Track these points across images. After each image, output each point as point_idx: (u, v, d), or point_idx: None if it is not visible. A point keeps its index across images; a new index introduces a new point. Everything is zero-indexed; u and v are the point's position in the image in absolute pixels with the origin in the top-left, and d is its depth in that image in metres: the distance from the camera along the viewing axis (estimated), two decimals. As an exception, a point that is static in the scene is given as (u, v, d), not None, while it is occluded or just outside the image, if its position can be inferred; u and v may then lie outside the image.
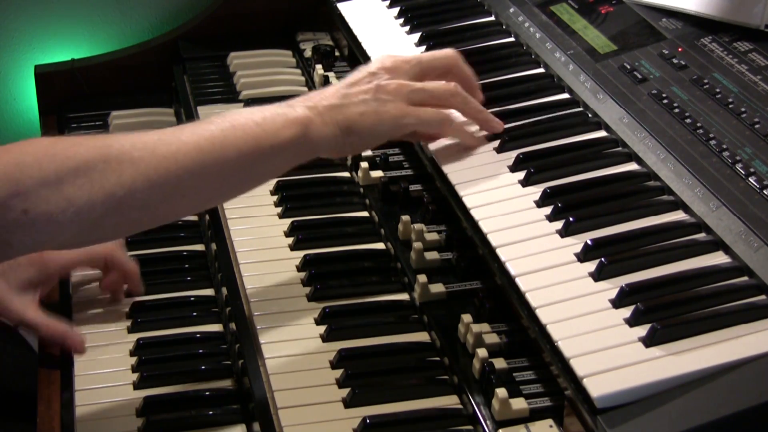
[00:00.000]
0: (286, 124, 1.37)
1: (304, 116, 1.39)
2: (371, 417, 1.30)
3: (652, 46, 1.60)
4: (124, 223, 1.29)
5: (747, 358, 1.13)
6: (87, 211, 1.22)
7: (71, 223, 1.21)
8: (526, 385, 1.32)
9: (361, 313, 1.49)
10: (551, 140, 1.52)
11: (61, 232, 1.22)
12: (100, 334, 1.56)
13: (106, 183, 1.23)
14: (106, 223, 1.25)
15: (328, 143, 1.42)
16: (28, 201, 1.18)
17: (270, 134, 1.35)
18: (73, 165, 1.21)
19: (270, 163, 1.38)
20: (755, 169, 1.32)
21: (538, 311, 1.23)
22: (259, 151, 1.35)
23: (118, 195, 1.24)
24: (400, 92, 1.45)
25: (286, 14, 2.29)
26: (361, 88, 1.45)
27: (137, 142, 1.27)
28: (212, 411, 1.41)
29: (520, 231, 1.35)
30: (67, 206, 1.20)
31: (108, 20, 2.35)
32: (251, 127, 1.34)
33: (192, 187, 1.31)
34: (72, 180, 1.21)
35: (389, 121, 1.44)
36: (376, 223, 1.68)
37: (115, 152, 1.25)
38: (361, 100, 1.43)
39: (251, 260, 1.61)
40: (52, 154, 1.21)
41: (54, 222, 1.20)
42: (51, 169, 1.20)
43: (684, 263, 1.27)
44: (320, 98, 1.43)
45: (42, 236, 1.21)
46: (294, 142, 1.37)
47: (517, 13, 1.81)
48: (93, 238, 1.30)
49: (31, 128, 2.39)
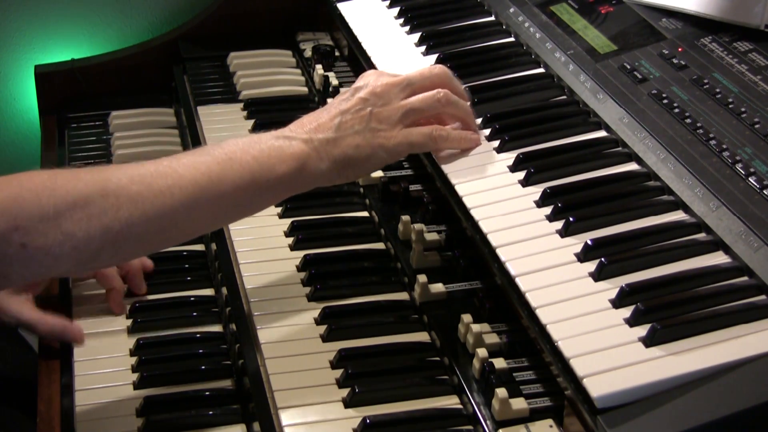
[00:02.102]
0: (282, 159, 1.38)
1: (301, 151, 1.39)
2: (371, 417, 1.30)
3: (652, 46, 1.60)
4: (119, 255, 1.31)
5: (747, 358, 1.13)
6: (84, 245, 1.24)
7: (68, 257, 1.23)
8: (526, 385, 1.32)
9: (361, 313, 1.49)
10: (551, 140, 1.52)
11: (59, 265, 1.24)
12: (100, 334, 1.56)
13: (104, 218, 1.25)
14: (103, 256, 1.27)
15: (324, 177, 1.43)
16: (26, 235, 1.19)
17: (266, 169, 1.36)
18: (72, 200, 1.23)
19: (265, 196, 1.40)
20: (755, 169, 1.32)
21: (538, 311, 1.23)
22: (255, 186, 1.36)
23: (115, 229, 1.25)
24: (392, 119, 1.45)
25: (286, 14, 2.29)
26: (354, 117, 1.44)
27: (135, 176, 1.29)
28: (212, 411, 1.41)
29: (520, 231, 1.35)
30: (64, 240, 1.22)
31: (108, 20, 2.35)
32: (248, 161, 1.35)
33: (187, 220, 1.33)
34: (70, 214, 1.22)
35: (383, 152, 1.45)
36: (376, 223, 1.68)
37: (113, 186, 1.26)
38: (355, 131, 1.43)
39: (251, 260, 1.61)
40: (51, 189, 1.22)
41: (51, 255, 1.22)
42: (50, 204, 1.21)
43: (684, 263, 1.27)
44: (315, 128, 1.43)
45: (39, 269, 1.24)
46: (290, 177, 1.38)
47: (517, 13, 1.81)
48: (89, 268, 1.33)
49: (31, 128, 2.39)
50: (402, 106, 1.47)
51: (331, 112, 1.45)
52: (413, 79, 1.50)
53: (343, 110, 1.45)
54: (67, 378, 1.48)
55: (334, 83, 1.96)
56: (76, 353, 1.52)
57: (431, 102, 1.48)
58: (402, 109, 1.46)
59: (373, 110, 1.45)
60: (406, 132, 1.46)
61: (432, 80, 1.51)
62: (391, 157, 1.47)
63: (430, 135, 1.48)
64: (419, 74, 1.51)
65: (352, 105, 1.45)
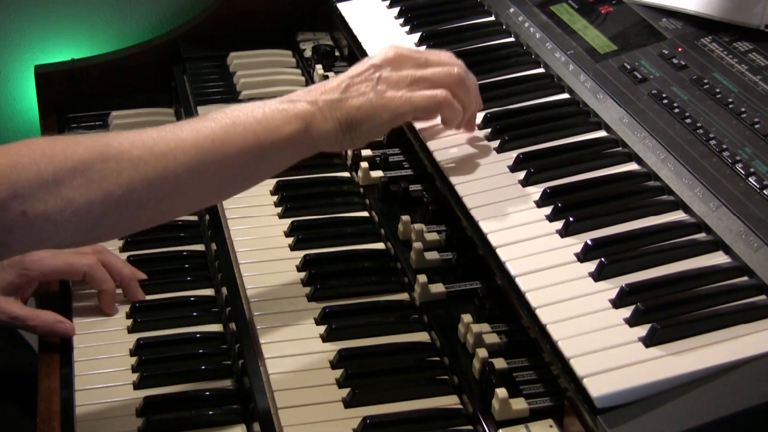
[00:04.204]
0: (287, 119, 1.36)
1: (305, 111, 1.38)
2: (371, 417, 1.30)
3: (652, 46, 1.60)
4: (122, 222, 1.29)
5: (747, 358, 1.13)
6: (85, 211, 1.22)
7: (69, 223, 1.21)
8: (526, 385, 1.32)
9: (361, 313, 1.49)
10: (551, 140, 1.52)
11: (60, 232, 1.22)
12: (100, 334, 1.56)
13: (105, 183, 1.22)
14: (105, 223, 1.25)
15: (329, 138, 1.41)
16: (26, 202, 1.18)
17: (270, 130, 1.35)
18: (71, 165, 1.21)
19: (271, 159, 1.38)
20: (755, 169, 1.32)
21: (538, 311, 1.23)
22: (260, 148, 1.34)
23: (117, 194, 1.23)
24: (400, 84, 1.43)
25: (286, 14, 2.29)
26: (362, 80, 1.43)
27: (136, 141, 1.27)
28: (212, 411, 1.41)
29: (520, 231, 1.35)
30: (65, 206, 1.20)
31: (108, 20, 2.35)
32: (251, 123, 1.34)
33: (191, 185, 1.30)
34: (70, 180, 1.20)
35: (386, 113, 1.42)
36: (376, 223, 1.68)
37: (114, 151, 1.24)
38: (360, 92, 1.42)
39: (251, 260, 1.61)
40: (50, 155, 1.20)
41: (52, 222, 1.20)
42: (49, 170, 1.19)
43: (684, 263, 1.27)
44: (321, 92, 1.41)
45: (40, 236, 1.21)
46: (295, 137, 1.37)
47: (517, 13, 1.81)
48: (92, 237, 1.30)
49: (31, 128, 2.39)
50: (413, 75, 1.44)
51: (340, 78, 1.44)
52: (431, 60, 1.47)
53: (353, 75, 1.44)
54: (67, 378, 1.48)
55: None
56: (76, 353, 1.53)
57: (444, 75, 1.46)
58: (412, 77, 1.44)
59: (382, 75, 1.43)
60: (410, 94, 1.43)
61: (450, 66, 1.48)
62: (393, 119, 1.44)
63: (435, 96, 1.44)
64: (438, 57, 1.48)
65: (364, 70, 1.44)
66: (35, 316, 1.54)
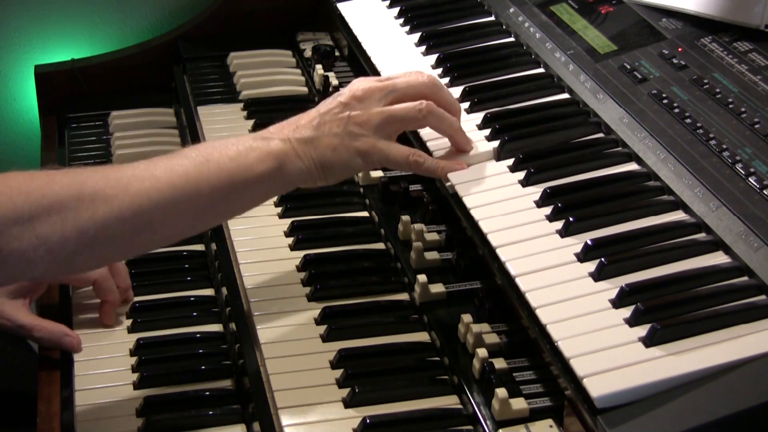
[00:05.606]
0: (260, 158, 1.37)
1: (278, 150, 1.38)
2: (371, 417, 1.30)
3: (652, 46, 1.60)
4: (96, 258, 1.31)
5: (747, 358, 1.13)
6: (59, 248, 1.23)
7: (43, 260, 1.22)
8: (526, 385, 1.32)
9: (361, 313, 1.49)
10: (551, 140, 1.51)
11: (34, 268, 1.23)
12: (100, 334, 1.56)
13: (79, 221, 1.23)
14: (78, 259, 1.27)
15: (303, 176, 1.42)
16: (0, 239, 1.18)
17: (244, 169, 1.35)
18: (47, 203, 1.22)
19: (244, 196, 1.38)
20: (755, 169, 1.32)
21: (538, 311, 1.23)
22: (233, 186, 1.35)
23: (90, 232, 1.24)
24: (370, 123, 1.44)
25: (286, 14, 2.29)
26: (332, 119, 1.43)
27: (111, 179, 1.28)
28: (212, 411, 1.41)
29: (520, 231, 1.35)
30: (39, 244, 1.21)
31: (108, 20, 2.35)
32: (225, 162, 1.34)
33: (164, 223, 1.32)
34: (45, 218, 1.21)
35: (360, 159, 1.44)
36: (376, 223, 1.68)
37: (89, 190, 1.25)
38: (333, 133, 1.42)
39: (251, 260, 1.61)
40: (26, 192, 1.21)
41: (26, 259, 1.21)
42: (24, 207, 1.20)
43: (684, 263, 1.27)
44: (294, 129, 1.42)
45: (14, 272, 1.23)
46: (268, 176, 1.37)
47: (517, 13, 1.81)
48: (66, 272, 1.32)
49: (31, 128, 2.39)
50: (381, 113, 1.45)
51: (311, 114, 1.45)
52: (398, 86, 1.47)
53: (323, 112, 1.44)
54: (67, 378, 1.48)
55: (334, 83, 1.96)
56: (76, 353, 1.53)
57: (412, 112, 1.46)
58: (381, 116, 1.44)
59: (351, 114, 1.43)
60: (386, 145, 1.45)
61: (418, 89, 1.48)
62: (367, 165, 1.46)
63: (407, 159, 1.46)
64: (405, 82, 1.48)
65: (332, 107, 1.44)
66: (41, 327, 1.52)
